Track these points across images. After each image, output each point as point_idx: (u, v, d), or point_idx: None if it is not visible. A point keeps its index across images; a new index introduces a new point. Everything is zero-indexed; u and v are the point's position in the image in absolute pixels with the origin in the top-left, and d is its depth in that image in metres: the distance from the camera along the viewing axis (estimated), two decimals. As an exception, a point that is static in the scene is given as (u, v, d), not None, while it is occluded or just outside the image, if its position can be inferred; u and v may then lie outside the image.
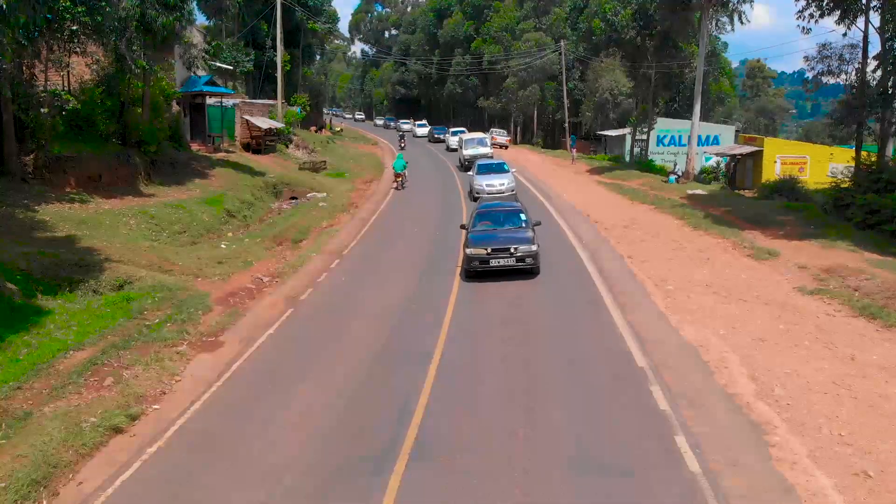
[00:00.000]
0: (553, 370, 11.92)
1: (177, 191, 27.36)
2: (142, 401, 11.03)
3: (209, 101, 40.23)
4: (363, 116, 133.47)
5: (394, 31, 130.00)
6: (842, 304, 15.07)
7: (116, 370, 11.95)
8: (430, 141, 75.34)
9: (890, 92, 26.35)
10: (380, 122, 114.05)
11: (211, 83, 39.34)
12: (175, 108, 35.96)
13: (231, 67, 41.18)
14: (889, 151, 28.02)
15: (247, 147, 41.77)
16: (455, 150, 56.01)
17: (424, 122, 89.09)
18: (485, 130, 76.32)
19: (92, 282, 16.61)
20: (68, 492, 8.74)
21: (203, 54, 34.26)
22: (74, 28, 23.20)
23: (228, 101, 41.69)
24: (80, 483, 8.91)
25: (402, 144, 61.44)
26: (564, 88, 69.88)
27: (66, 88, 27.32)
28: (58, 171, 23.36)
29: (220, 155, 36.30)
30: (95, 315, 14.88)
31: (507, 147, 63.81)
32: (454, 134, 62.71)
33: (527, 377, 11.62)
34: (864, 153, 28.53)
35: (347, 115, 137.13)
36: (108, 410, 10.44)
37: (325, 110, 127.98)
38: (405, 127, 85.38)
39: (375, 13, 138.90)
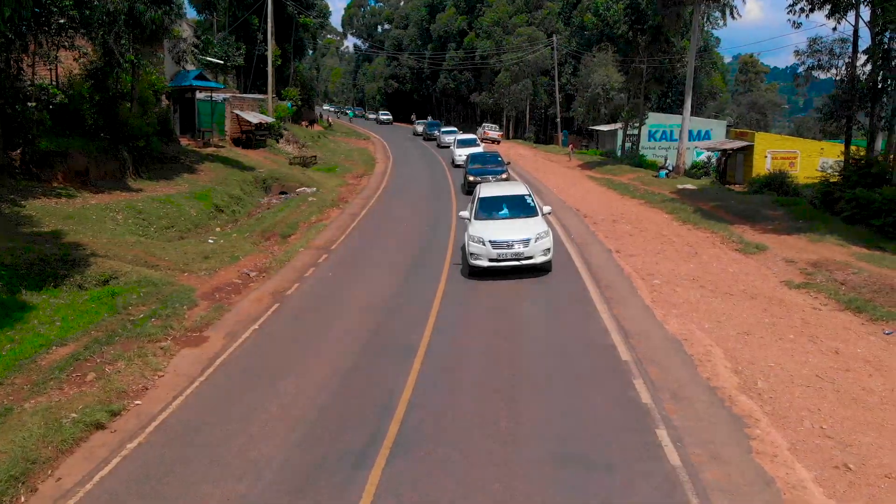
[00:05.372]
0: (537, 363, 11.89)
1: (165, 185, 27.25)
2: (123, 396, 10.97)
3: (199, 95, 40.15)
4: (389, 117, 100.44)
5: (387, 26, 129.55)
6: (828, 297, 15.12)
7: (99, 365, 11.90)
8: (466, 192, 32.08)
9: (879, 87, 26.40)
10: (420, 127, 75.41)
11: (201, 77, 39.24)
12: (164, 102, 35.83)
13: (221, 62, 41.05)
14: (878, 146, 28.08)
15: (237, 142, 41.65)
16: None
17: (474, 137, 50.44)
18: (477, 125, 76.20)
19: (77, 277, 16.51)
20: (47, 487, 8.68)
21: (193, 48, 34.20)
22: (62, 22, 23.08)
23: (218, 96, 41.54)
24: (59, 479, 8.84)
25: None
26: (556, 83, 69.89)
27: (53, 82, 27.18)
28: (45, 166, 23.24)
29: (210, 150, 36.19)
30: (80, 310, 14.81)
31: (499, 142, 63.96)
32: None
33: (511, 370, 11.59)
34: (853, 148, 28.60)
35: (371, 116, 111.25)
36: (88, 406, 10.38)
37: (326, 107, 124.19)
38: (446, 139, 55.98)
39: (368, 7, 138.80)
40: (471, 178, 31.22)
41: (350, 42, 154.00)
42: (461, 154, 41.46)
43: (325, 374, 11.82)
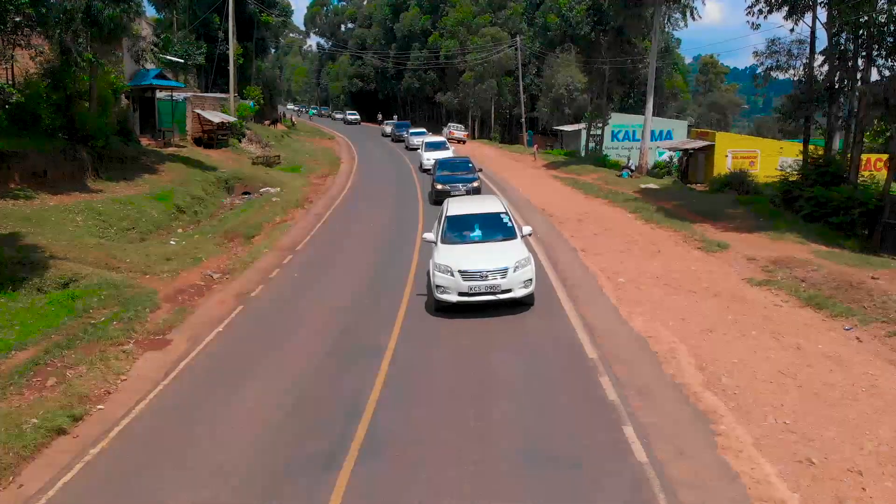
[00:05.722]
0: (505, 362, 11.92)
1: (125, 186, 26.81)
2: (85, 401, 10.77)
3: (159, 94, 39.55)
4: (357, 117, 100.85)
5: (350, 25, 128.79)
6: (789, 294, 15.36)
7: (60, 370, 11.68)
8: None
9: (836, 87, 26.91)
10: (388, 128, 73.80)
11: (161, 76, 38.67)
12: (124, 101, 35.28)
13: (182, 61, 40.43)
14: (836, 145, 28.66)
15: (198, 141, 41.06)
16: None
17: (443, 140, 48.30)
18: (443, 125, 76.12)
19: (36, 280, 16.21)
20: (8, 495, 8.49)
21: (152, 47, 33.61)
22: (18, 20, 22.53)
23: (179, 95, 40.95)
24: (20, 486, 8.67)
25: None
26: (521, 83, 70.16)
27: (9, 81, 26.52)
28: (1, 167, 22.72)
29: (171, 150, 35.67)
30: (39, 314, 14.53)
31: (464, 142, 64.07)
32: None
33: (479, 370, 11.60)
34: (811, 147, 29.14)
35: (337, 116, 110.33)
36: (50, 411, 10.18)
37: (290, 106, 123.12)
38: (415, 141, 53.42)
39: (331, 6, 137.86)
40: (439, 187, 28.62)
41: (313, 41, 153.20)
42: (429, 158, 38.78)
43: (291, 376, 11.72)
